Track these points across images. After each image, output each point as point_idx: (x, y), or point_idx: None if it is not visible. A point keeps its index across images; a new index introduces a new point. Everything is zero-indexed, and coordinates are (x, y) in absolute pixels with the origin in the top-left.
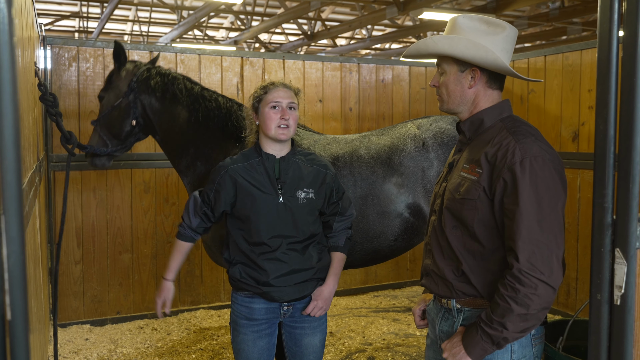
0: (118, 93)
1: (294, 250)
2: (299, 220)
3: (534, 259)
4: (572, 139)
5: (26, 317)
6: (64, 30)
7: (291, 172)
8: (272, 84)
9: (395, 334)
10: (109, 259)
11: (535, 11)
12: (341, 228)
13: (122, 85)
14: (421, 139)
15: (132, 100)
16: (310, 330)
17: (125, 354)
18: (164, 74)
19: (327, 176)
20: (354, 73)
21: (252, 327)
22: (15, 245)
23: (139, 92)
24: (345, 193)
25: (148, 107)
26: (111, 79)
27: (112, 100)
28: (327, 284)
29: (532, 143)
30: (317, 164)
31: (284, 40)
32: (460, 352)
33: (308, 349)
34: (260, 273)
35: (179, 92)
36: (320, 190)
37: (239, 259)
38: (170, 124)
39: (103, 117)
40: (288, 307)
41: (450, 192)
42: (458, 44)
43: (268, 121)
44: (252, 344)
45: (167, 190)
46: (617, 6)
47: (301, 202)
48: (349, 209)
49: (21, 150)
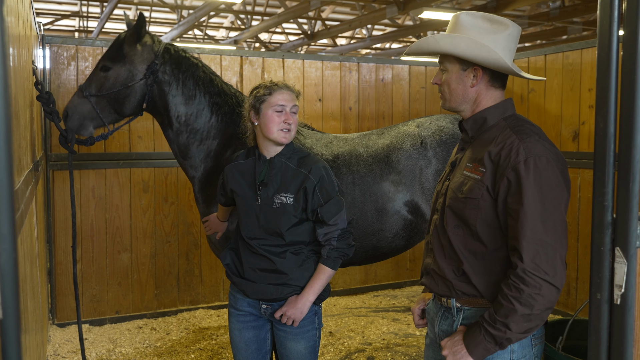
0: (133, 71)
1: (272, 252)
2: (272, 225)
3: (538, 259)
4: (573, 138)
5: (18, 316)
6: (64, 30)
7: (275, 175)
8: (275, 85)
9: (395, 334)
10: (107, 259)
11: (535, 10)
12: (325, 238)
13: (138, 62)
14: (420, 137)
15: (150, 84)
16: (292, 336)
17: (124, 354)
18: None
19: (306, 181)
20: (353, 72)
21: (238, 317)
22: (6, 244)
23: (162, 76)
24: (333, 200)
25: (170, 94)
26: (122, 48)
27: (124, 77)
28: (302, 295)
29: (536, 142)
30: (305, 167)
31: (284, 40)
32: (461, 351)
33: (292, 353)
34: (240, 263)
35: (203, 85)
36: (298, 195)
37: (232, 245)
38: (195, 116)
39: (109, 94)
40: (267, 306)
41: (452, 191)
42: (460, 43)
43: (270, 124)
44: (239, 333)
45: (166, 190)
46: (617, 5)
47: (275, 207)
48: (334, 218)
49: (14, 149)
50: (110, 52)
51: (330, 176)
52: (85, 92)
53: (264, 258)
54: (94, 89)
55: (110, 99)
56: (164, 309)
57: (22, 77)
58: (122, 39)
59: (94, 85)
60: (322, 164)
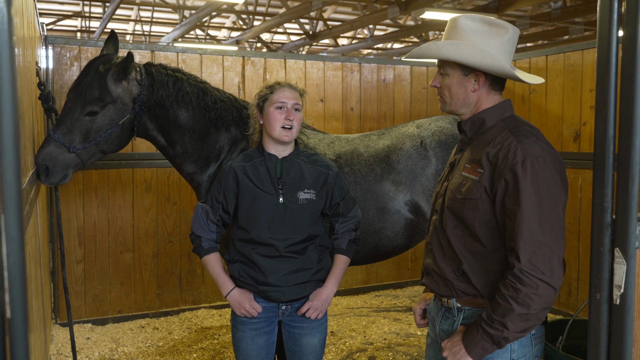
0: (122, 108)
1: (293, 251)
2: (298, 221)
3: (535, 259)
4: (574, 139)
5: (25, 315)
6: (67, 30)
7: (293, 172)
8: (278, 83)
9: (397, 334)
10: (110, 259)
11: (537, 11)
12: (344, 230)
13: (127, 98)
14: (419, 137)
15: (138, 113)
16: (309, 331)
17: (127, 353)
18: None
19: (329, 177)
20: (355, 73)
21: (250, 325)
22: (14, 244)
23: (149, 106)
24: (348, 194)
25: (170, 119)
26: (106, 88)
27: (115, 117)
28: (326, 287)
29: (533, 143)
30: (319, 164)
31: (285, 40)
32: (460, 351)
33: (307, 348)
34: (259, 272)
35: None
36: (322, 191)
37: (238, 257)
38: (181, 131)
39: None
40: (287, 307)
41: (451, 191)
42: (463, 50)
43: (273, 121)
44: (251, 341)
45: (169, 190)
46: (616, 6)
47: (301, 203)
48: (352, 210)
49: (21, 150)
50: (91, 93)
51: (340, 173)
52: (70, 147)
53: (286, 259)
54: (79, 138)
55: (99, 143)
56: (166, 308)
57: (27, 78)
58: (103, 75)
59: (78, 134)
60: (332, 162)
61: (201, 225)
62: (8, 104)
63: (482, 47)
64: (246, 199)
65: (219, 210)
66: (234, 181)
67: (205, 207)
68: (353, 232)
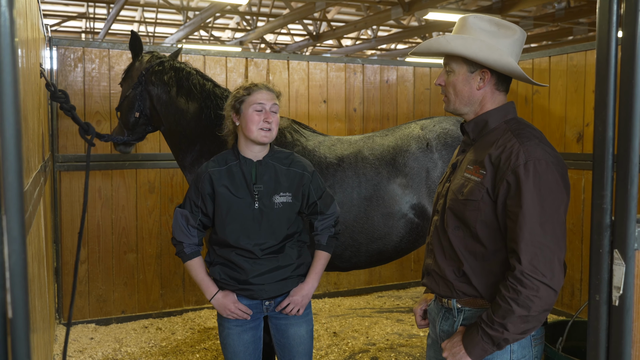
0: (130, 83)
1: (271, 253)
2: (275, 226)
3: (536, 261)
4: (577, 140)
5: (27, 315)
6: (71, 31)
7: (267, 176)
8: (255, 85)
9: (399, 335)
10: (113, 259)
11: (541, 11)
12: (323, 227)
13: (135, 75)
14: (425, 139)
15: (139, 93)
16: (295, 320)
17: (130, 353)
18: (178, 68)
19: (304, 177)
20: (358, 74)
21: (236, 322)
22: (16, 245)
23: (147, 85)
24: (325, 192)
25: (156, 99)
26: (130, 67)
27: (125, 90)
28: (307, 282)
29: (536, 146)
30: (295, 166)
31: (289, 41)
32: (460, 352)
33: (295, 340)
34: (240, 272)
35: (193, 88)
36: (298, 192)
37: (218, 260)
38: (178, 118)
39: (118, 106)
40: (270, 302)
41: (453, 192)
42: (472, 44)
43: (250, 123)
44: (237, 337)
45: (172, 190)
46: (615, 8)
47: (277, 207)
48: (331, 207)
49: (23, 151)
50: (124, 72)
51: (316, 171)
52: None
53: (265, 260)
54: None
55: (121, 113)
56: (170, 308)
57: (30, 80)
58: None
59: None
60: (308, 161)
61: (182, 232)
62: (10, 106)
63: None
64: (222, 207)
65: (198, 215)
66: (209, 185)
67: (185, 213)
68: (333, 228)
